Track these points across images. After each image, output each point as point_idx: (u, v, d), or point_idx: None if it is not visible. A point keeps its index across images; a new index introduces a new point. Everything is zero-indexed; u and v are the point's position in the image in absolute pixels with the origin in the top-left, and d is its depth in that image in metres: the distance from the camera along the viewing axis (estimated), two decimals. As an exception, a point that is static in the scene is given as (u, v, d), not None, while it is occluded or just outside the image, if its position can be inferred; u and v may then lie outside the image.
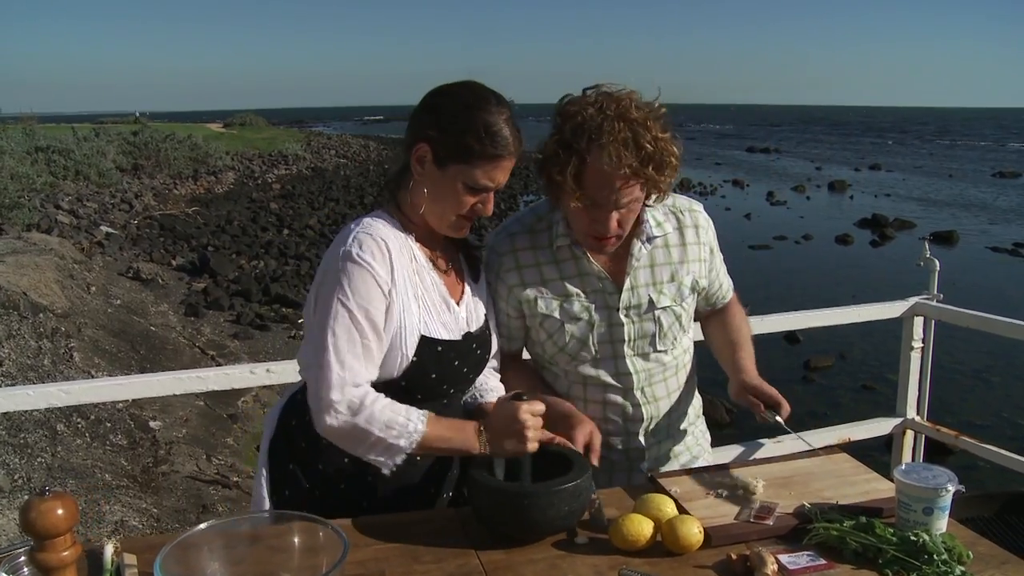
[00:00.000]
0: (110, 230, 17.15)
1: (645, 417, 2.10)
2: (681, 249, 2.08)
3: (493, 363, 2.09)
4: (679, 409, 2.18)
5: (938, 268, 3.61)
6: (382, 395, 1.73)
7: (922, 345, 3.62)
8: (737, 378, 2.04)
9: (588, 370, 2.08)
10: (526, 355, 2.24)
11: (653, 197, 1.96)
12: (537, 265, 2.06)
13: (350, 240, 1.73)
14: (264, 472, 1.88)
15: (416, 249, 1.83)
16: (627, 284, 2.03)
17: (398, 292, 1.73)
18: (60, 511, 1.16)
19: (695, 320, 2.23)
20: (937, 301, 3.58)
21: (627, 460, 2.14)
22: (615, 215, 1.87)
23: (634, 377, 2.07)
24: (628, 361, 2.07)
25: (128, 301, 11.34)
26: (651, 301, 2.04)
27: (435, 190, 1.78)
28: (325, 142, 51.65)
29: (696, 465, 2.17)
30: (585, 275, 2.04)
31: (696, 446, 2.27)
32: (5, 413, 5.68)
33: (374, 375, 1.74)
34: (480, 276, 2.03)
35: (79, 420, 6.60)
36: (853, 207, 26.73)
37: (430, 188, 1.78)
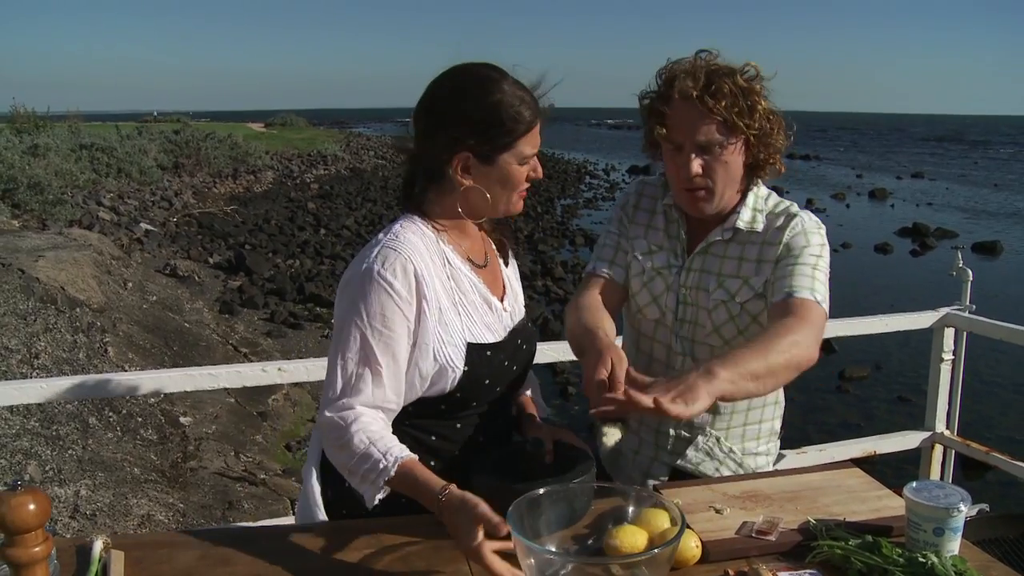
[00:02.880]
0: (149, 227, 17.39)
1: None
2: (759, 248, 1.99)
3: None
4: (731, 416, 2.10)
5: (971, 278, 3.52)
6: (375, 423, 1.66)
7: (952, 357, 3.53)
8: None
9: (649, 330, 2.10)
10: None
11: (757, 160, 1.95)
12: (651, 212, 2.14)
13: (375, 255, 1.68)
14: (317, 486, 1.83)
15: (450, 252, 1.78)
16: (693, 263, 2.03)
17: (429, 308, 1.68)
18: (31, 506, 1.15)
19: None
20: (970, 312, 3.49)
21: (655, 446, 2.11)
22: (696, 159, 1.89)
23: (679, 358, 2.05)
24: (677, 340, 2.05)
25: (164, 297, 11.48)
26: (707, 290, 2.01)
27: (491, 183, 1.75)
28: (364, 143, 51.99)
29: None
30: (673, 238, 2.08)
31: (736, 461, 2.11)
32: (39, 405, 5.78)
33: (384, 399, 1.69)
34: (510, 260, 2.01)
35: (111, 414, 6.68)
36: (894, 216, 26.30)
37: (486, 185, 1.75)
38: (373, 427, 1.65)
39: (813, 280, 1.90)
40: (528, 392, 2.05)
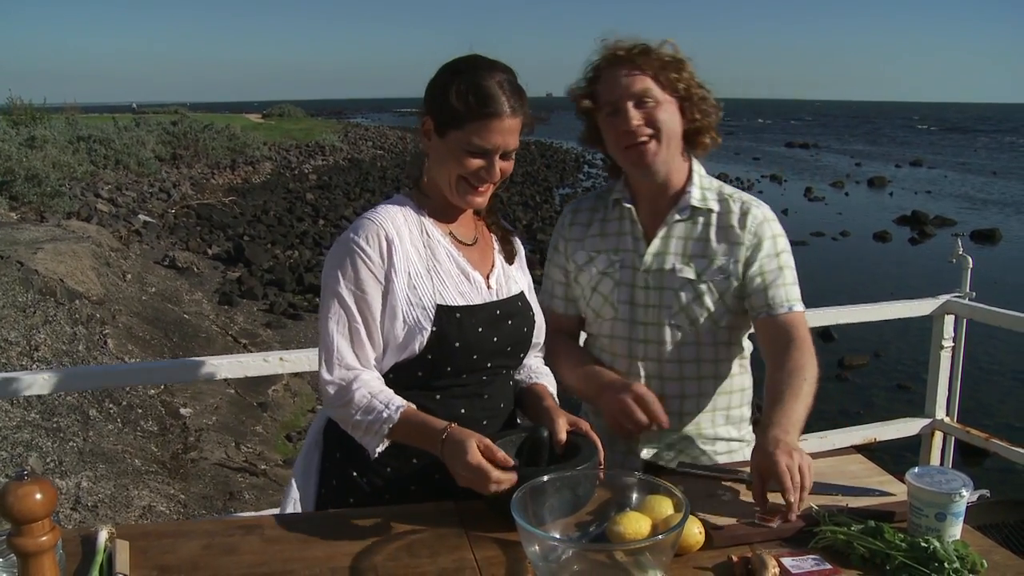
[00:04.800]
0: (148, 219, 17.38)
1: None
2: (721, 231, 2.04)
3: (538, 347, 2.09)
4: (697, 400, 2.09)
5: (971, 265, 3.52)
6: (374, 380, 1.77)
7: (952, 344, 3.54)
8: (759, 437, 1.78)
9: (607, 330, 2.11)
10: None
11: (693, 126, 2.01)
12: (588, 224, 2.18)
13: (352, 226, 1.81)
14: (315, 463, 1.94)
15: (430, 224, 1.87)
16: (653, 247, 2.05)
17: (398, 271, 1.77)
18: (38, 495, 1.16)
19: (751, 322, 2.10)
20: (969, 299, 3.49)
21: (624, 439, 2.10)
22: (635, 111, 1.95)
23: (641, 346, 2.05)
24: (642, 328, 2.06)
25: (163, 289, 11.48)
26: (673, 269, 2.03)
27: (439, 159, 1.82)
28: (362, 133, 51.89)
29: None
30: (623, 234, 2.10)
31: (712, 447, 2.13)
32: (39, 396, 5.79)
33: (369, 357, 1.80)
34: (515, 259, 2.03)
35: (111, 406, 6.69)
36: (892, 204, 26.32)
37: (436, 158, 1.83)
38: (373, 384, 1.76)
39: (789, 288, 2.02)
40: (542, 381, 2.05)
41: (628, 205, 2.09)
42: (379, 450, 1.73)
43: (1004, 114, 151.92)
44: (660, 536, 1.34)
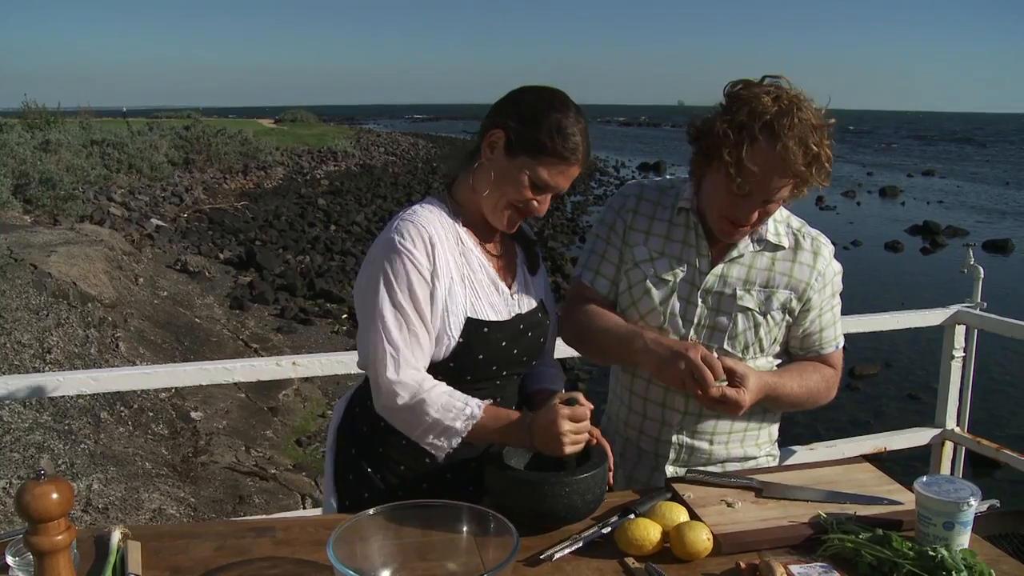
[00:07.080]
0: (160, 223, 17.48)
1: (683, 413, 2.05)
2: (788, 265, 2.04)
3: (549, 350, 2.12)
4: (731, 423, 2.08)
5: (982, 276, 3.52)
6: (442, 382, 1.78)
7: (963, 354, 3.53)
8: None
9: None
10: None
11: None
12: (652, 218, 2.10)
13: (393, 228, 1.79)
14: (331, 458, 1.98)
15: (463, 233, 1.87)
16: (718, 270, 2.02)
17: (440, 276, 1.77)
18: (55, 495, 1.17)
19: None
20: (981, 310, 3.48)
21: (655, 455, 2.10)
22: (759, 210, 1.89)
23: None
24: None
25: (175, 293, 11.54)
26: (734, 295, 2.00)
27: (500, 176, 1.81)
28: (374, 139, 52.01)
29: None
30: (689, 245, 2.06)
31: (738, 466, 2.13)
32: (51, 399, 5.82)
33: (425, 360, 1.79)
34: (538, 269, 2.04)
35: (122, 409, 6.72)
36: (904, 213, 26.20)
37: (496, 173, 1.81)
38: (441, 386, 1.77)
39: (837, 326, 2.13)
40: (552, 386, 2.07)
41: (696, 220, 2.05)
42: (450, 449, 1.78)
43: (1019, 124, 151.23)
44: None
